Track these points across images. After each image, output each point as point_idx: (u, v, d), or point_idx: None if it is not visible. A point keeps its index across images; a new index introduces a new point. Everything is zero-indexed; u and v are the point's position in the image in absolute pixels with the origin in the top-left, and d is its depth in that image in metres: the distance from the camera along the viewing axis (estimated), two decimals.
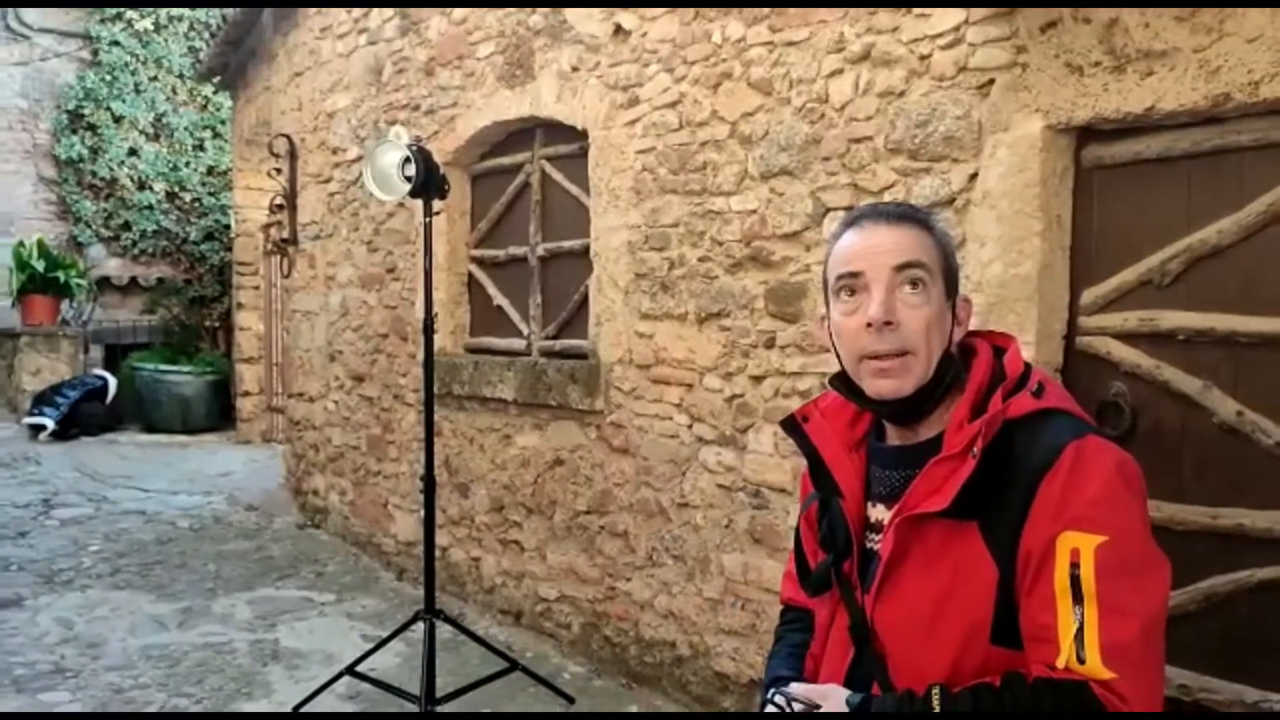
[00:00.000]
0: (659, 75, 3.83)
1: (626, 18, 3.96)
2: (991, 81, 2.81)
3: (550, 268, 4.62)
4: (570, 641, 4.35)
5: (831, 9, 3.20)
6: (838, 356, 1.45)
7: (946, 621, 1.30)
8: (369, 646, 4.00)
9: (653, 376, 3.87)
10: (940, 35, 2.94)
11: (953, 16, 2.90)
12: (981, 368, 1.40)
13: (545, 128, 4.56)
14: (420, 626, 3.74)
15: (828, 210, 3.26)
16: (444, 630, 4.15)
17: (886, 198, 3.09)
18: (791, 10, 3.34)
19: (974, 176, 2.86)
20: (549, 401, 4.35)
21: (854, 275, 1.38)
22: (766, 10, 3.41)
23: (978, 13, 2.83)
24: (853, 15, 3.16)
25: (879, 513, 1.44)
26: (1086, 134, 2.69)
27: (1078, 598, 1.19)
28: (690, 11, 3.69)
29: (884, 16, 3.07)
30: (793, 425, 1.55)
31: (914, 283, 1.35)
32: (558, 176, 4.53)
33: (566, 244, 4.46)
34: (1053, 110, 2.67)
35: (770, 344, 3.43)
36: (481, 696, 3.77)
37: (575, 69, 4.21)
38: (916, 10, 2.99)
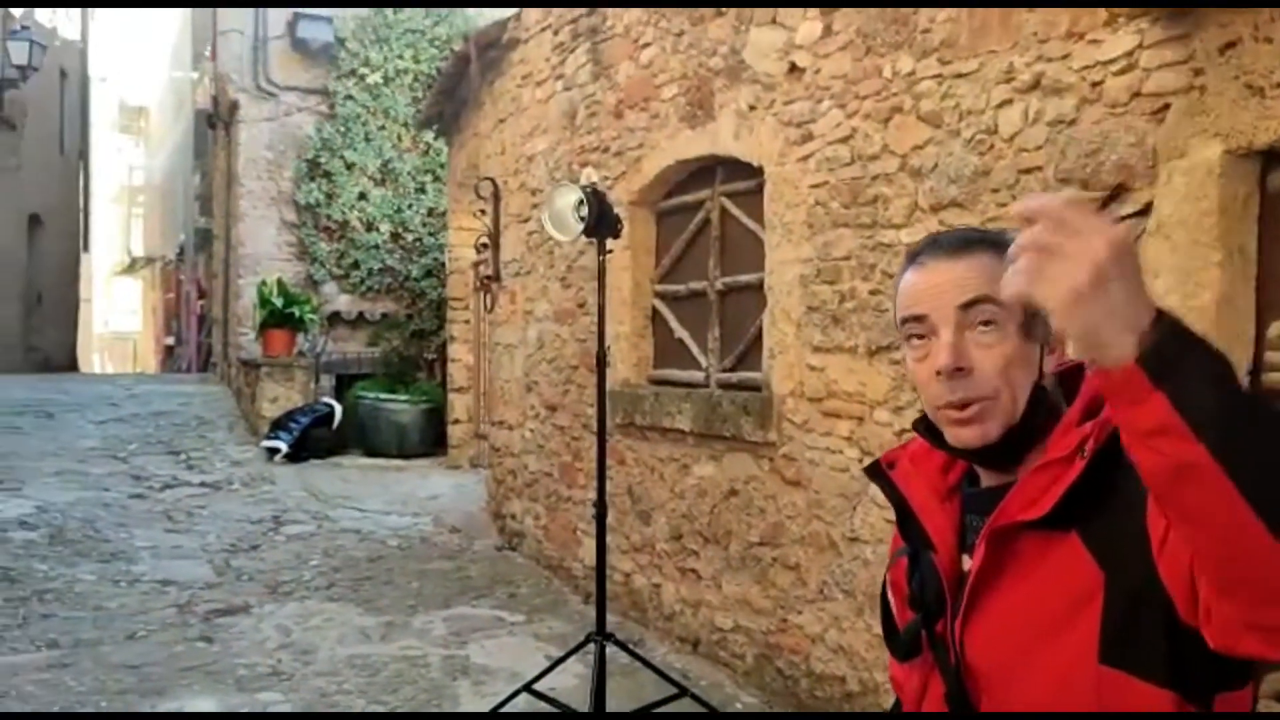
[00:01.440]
0: (831, 111, 3.87)
1: (801, 56, 4.02)
2: (1167, 106, 2.70)
3: (728, 301, 4.71)
4: (745, 672, 4.38)
5: (1002, 37, 3.16)
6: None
7: (1046, 642, 1.15)
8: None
9: (824, 409, 3.88)
10: (1112, 61, 2.85)
11: (1126, 41, 2.81)
12: (1095, 380, 1.20)
13: (724, 165, 4.67)
14: (595, 652, 3.87)
15: None
16: (622, 656, 4.28)
17: None
18: (962, 42, 3.31)
19: (1148, 205, 2.75)
20: (724, 433, 4.43)
21: (919, 319, 1.24)
22: (936, 43, 3.40)
23: (1152, 35, 2.74)
24: (1022, 44, 3.11)
25: None
26: (1271, 158, 2.55)
27: None
28: (862, 47, 3.72)
29: (1054, 44, 3.01)
30: (878, 472, 1.39)
31: (985, 321, 1.20)
32: (736, 212, 4.62)
33: (743, 278, 4.54)
34: (1232, 134, 2.54)
35: None
36: None
37: (752, 107, 4.30)
38: (1088, 36, 2.91)
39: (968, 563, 1.27)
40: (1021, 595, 1.18)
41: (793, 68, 4.07)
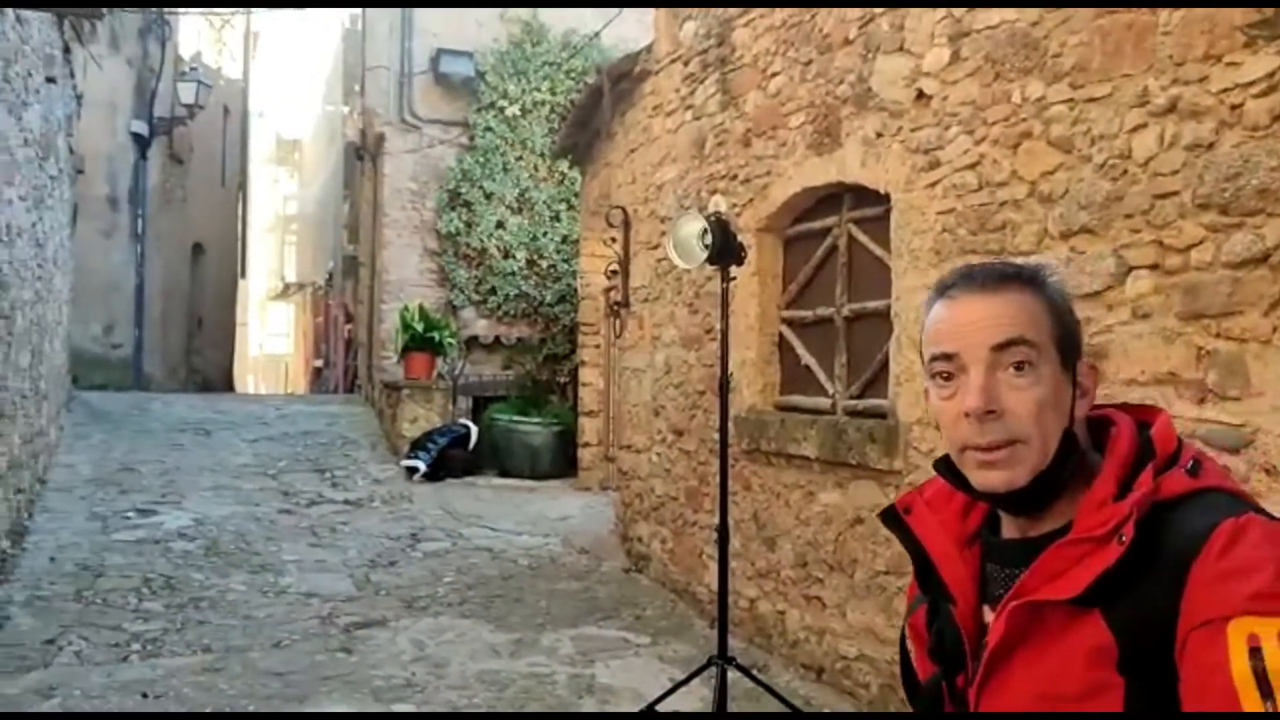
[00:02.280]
0: (959, 138, 3.84)
1: (928, 83, 4.01)
2: None
3: (855, 328, 4.70)
4: (869, 702, 4.33)
5: (1136, 61, 3.10)
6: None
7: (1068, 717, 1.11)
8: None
9: None
10: (1253, 83, 2.78)
11: (1266, 63, 2.74)
12: (1124, 441, 1.18)
13: (852, 192, 4.67)
14: (716, 675, 3.90)
15: (1130, 269, 3.13)
16: (746, 681, 4.30)
17: (1193, 256, 2.94)
18: (1094, 65, 3.26)
19: None
20: (849, 460, 4.41)
21: (948, 357, 1.18)
22: (1068, 66, 3.36)
23: None
24: (1157, 67, 3.04)
25: None
26: None
27: (1266, 692, 1.00)
28: (991, 73, 3.69)
29: (1191, 67, 2.94)
30: (893, 517, 1.32)
31: (1019, 364, 1.15)
32: (863, 239, 4.62)
33: (870, 304, 4.53)
34: None
35: None
36: None
37: (879, 134, 4.30)
38: (1226, 59, 2.84)
39: (988, 615, 1.22)
40: (1041, 671, 1.13)
41: (920, 95, 4.07)
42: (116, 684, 4.52)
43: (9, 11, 5.05)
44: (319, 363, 21.33)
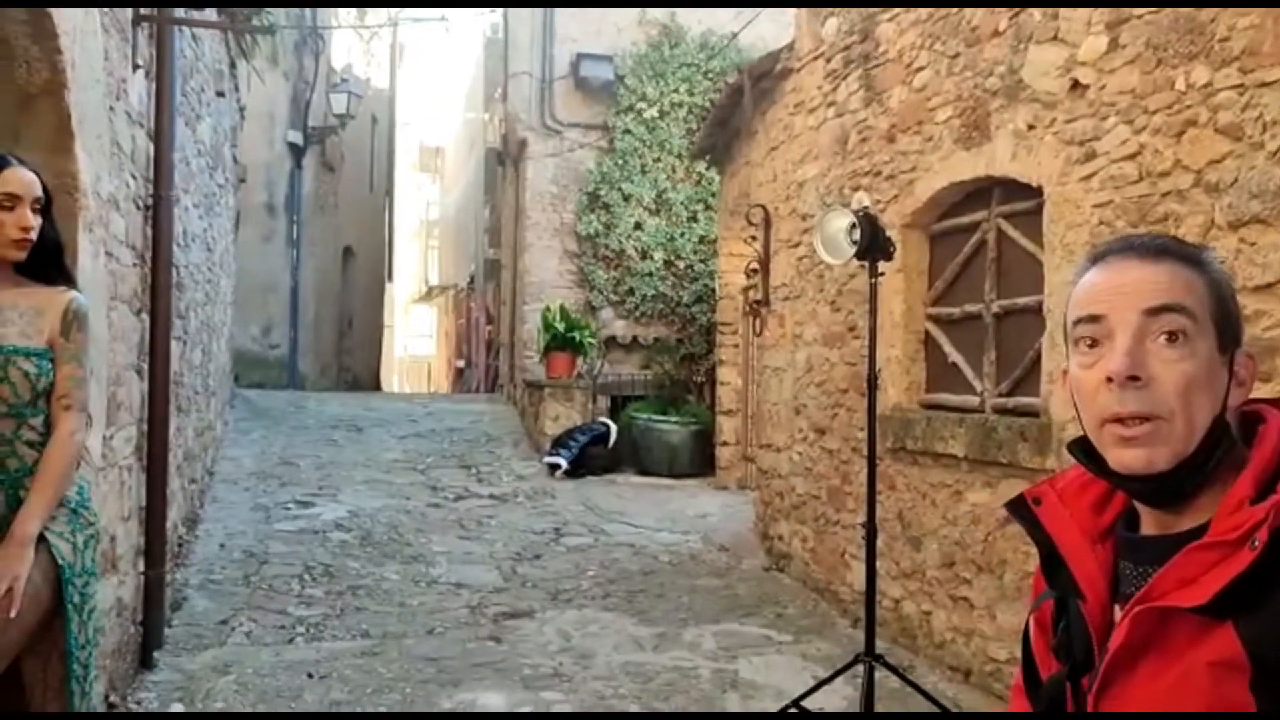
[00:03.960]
0: (1117, 128, 3.74)
1: (1084, 72, 3.91)
2: None
3: (1004, 325, 4.60)
4: None
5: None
6: (1079, 419, 1.18)
7: None
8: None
9: None
10: None
11: None
12: (1271, 439, 1.10)
13: (1001, 186, 4.58)
14: (863, 672, 3.89)
15: None
16: (891, 680, 4.28)
17: None
18: (1266, 49, 3.13)
19: None
20: (999, 459, 4.33)
21: (1094, 320, 1.12)
22: (1237, 50, 3.23)
23: None
24: None
25: None
26: None
27: None
28: (1152, 60, 3.58)
29: None
30: (1022, 507, 1.26)
31: (1172, 333, 1.09)
32: (1013, 234, 4.53)
33: (1020, 301, 4.44)
34: None
35: None
36: None
37: (1031, 127, 4.21)
38: None
39: (1119, 614, 1.16)
40: (1165, 682, 1.06)
41: (1075, 85, 3.96)
42: (284, 663, 4.78)
43: (186, 30, 5.38)
44: (461, 363, 21.96)
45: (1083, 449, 1.18)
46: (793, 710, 4.01)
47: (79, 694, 2.29)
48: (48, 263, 2.44)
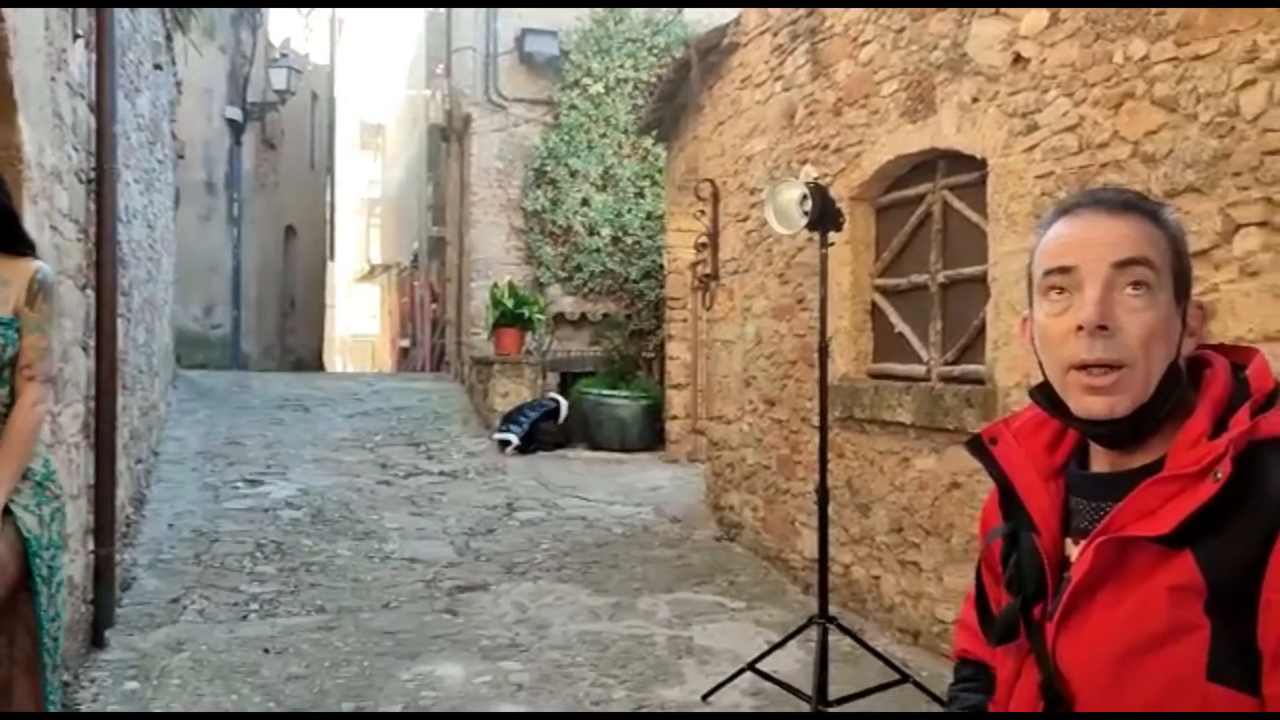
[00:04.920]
0: (1058, 100, 3.83)
1: (1026, 46, 4.00)
2: None
3: (950, 294, 4.71)
4: None
5: (1244, 15, 3.07)
6: (1040, 366, 1.24)
7: (1146, 656, 1.10)
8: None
9: None
10: None
11: None
12: (1219, 381, 1.18)
13: (946, 158, 4.67)
14: (817, 634, 3.98)
15: (1238, 227, 3.11)
16: (843, 643, 4.40)
17: None
18: (1200, 22, 3.23)
19: None
20: (946, 425, 4.44)
21: (1065, 270, 1.17)
22: (1172, 24, 3.33)
23: None
24: (1267, 22, 3.01)
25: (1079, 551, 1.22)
26: None
27: None
28: (1091, 34, 3.67)
29: None
30: (979, 447, 1.32)
31: (1137, 283, 1.14)
32: (958, 205, 4.62)
33: (966, 270, 4.54)
34: None
35: None
36: (872, 705, 3.93)
37: (975, 100, 4.30)
38: None
39: (1070, 547, 1.22)
40: (1125, 608, 1.12)
41: (1017, 58, 4.05)
42: (239, 640, 4.76)
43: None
44: (405, 342, 21.80)
45: (1044, 394, 1.24)
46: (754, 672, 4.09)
47: (50, 666, 2.28)
48: (7, 231, 2.41)
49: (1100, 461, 1.23)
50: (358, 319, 32.78)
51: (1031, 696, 1.22)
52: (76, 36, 4.11)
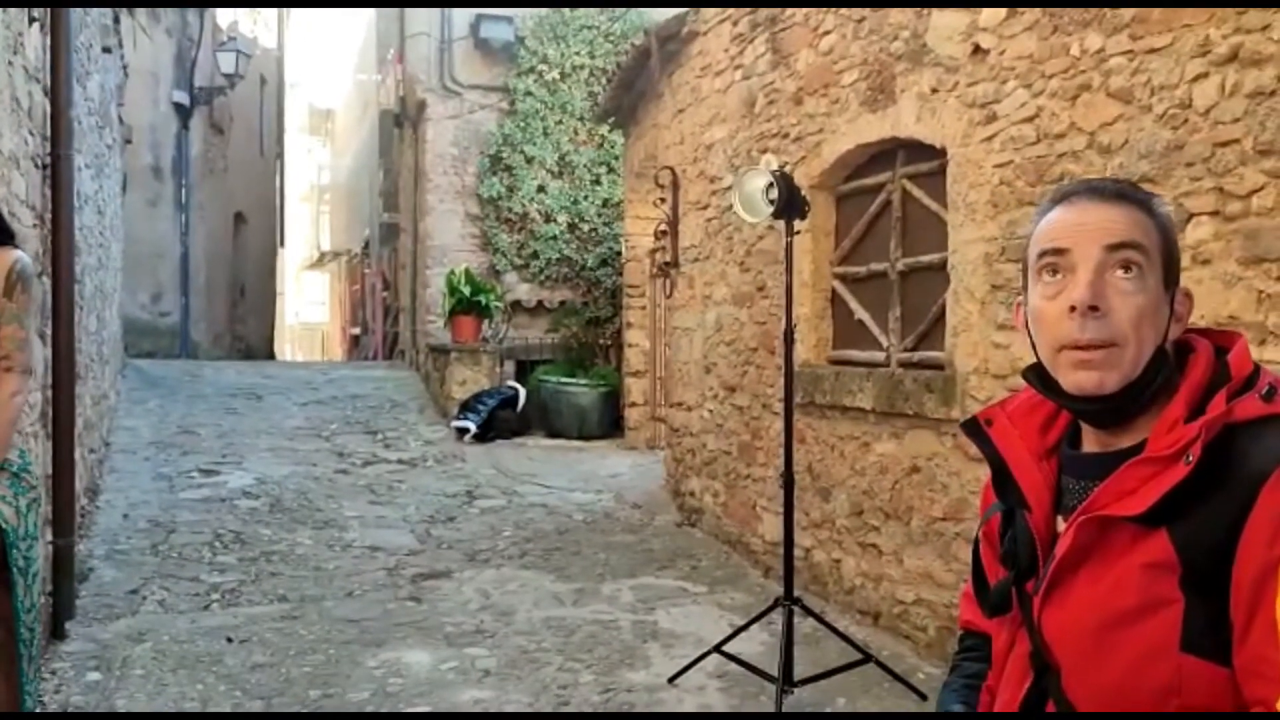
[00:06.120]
0: (1016, 91, 3.91)
1: (985, 38, 4.07)
2: None
3: (909, 282, 4.79)
4: (926, 644, 4.47)
5: (1198, 11, 3.16)
6: (1033, 348, 1.29)
7: (1124, 631, 1.15)
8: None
9: (1009, 386, 3.93)
10: None
11: None
12: (1200, 365, 1.23)
13: (906, 147, 4.75)
14: (780, 617, 4.05)
15: (1191, 216, 3.21)
16: (806, 625, 4.47)
17: (1254, 202, 3.01)
18: (1155, 17, 3.32)
19: None
20: (906, 410, 4.52)
21: (1059, 253, 1.23)
22: (1127, 18, 3.42)
23: None
24: (1219, 17, 3.10)
25: None
26: None
27: None
28: (1049, 26, 3.75)
29: (1253, 15, 3.00)
30: (975, 428, 1.38)
31: (1127, 266, 1.20)
32: (917, 194, 4.70)
33: (925, 258, 4.62)
34: None
35: None
36: (836, 685, 4.02)
37: (935, 90, 4.37)
38: None
39: (1061, 525, 1.27)
40: (1104, 584, 1.18)
41: (976, 49, 4.13)
42: (202, 629, 4.74)
43: None
44: (356, 330, 21.59)
45: (1037, 374, 1.30)
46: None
47: (27, 657, 2.27)
48: None
49: (1090, 442, 1.29)
50: (307, 307, 32.40)
51: (1022, 663, 1.28)
52: (32, 20, 4.03)
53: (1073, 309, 1.19)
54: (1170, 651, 1.12)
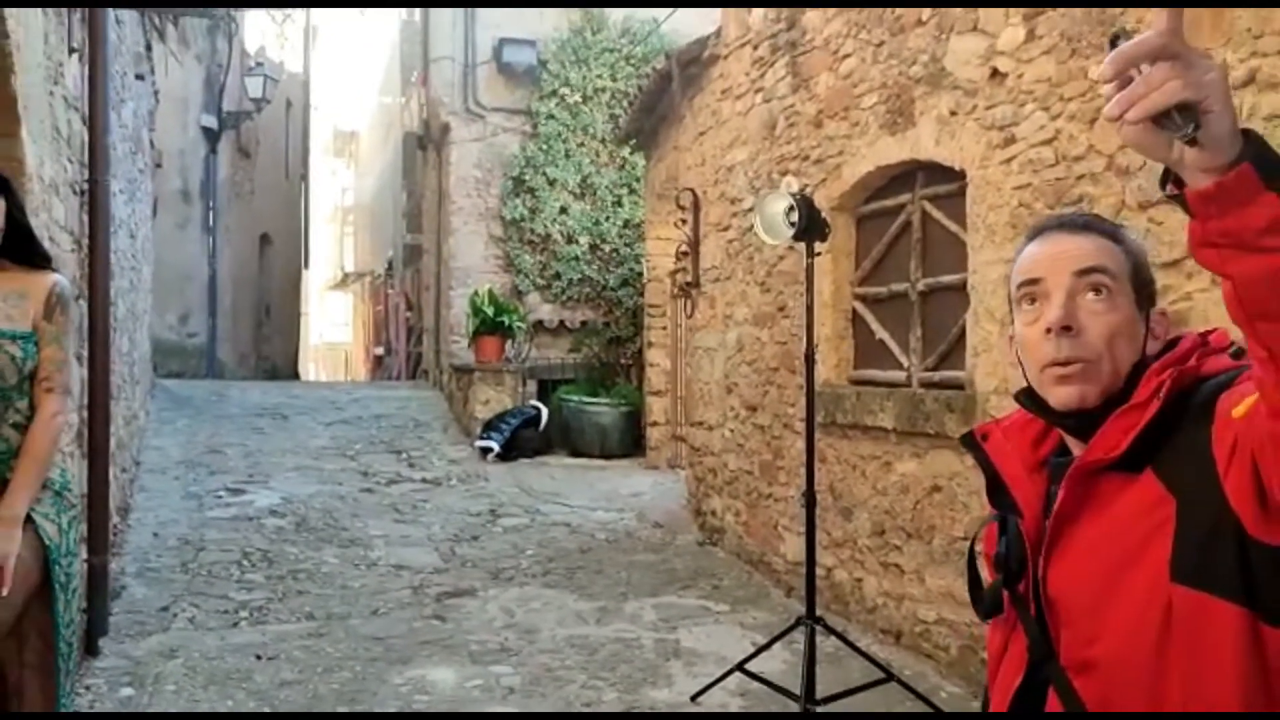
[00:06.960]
0: (1035, 114, 3.96)
1: (1003, 61, 4.12)
2: None
3: (929, 302, 4.83)
4: (948, 663, 4.48)
5: (1214, 34, 3.20)
6: (1024, 373, 1.38)
7: (1124, 570, 1.22)
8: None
9: None
10: None
11: None
12: (1184, 343, 1.32)
13: (925, 169, 4.80)
14: (802, 635, 4.08)
15: None
16: (827, 644, 4.50)
17: None
18: None
19: None
20: (927, 430, 4.55)
21: (1034, 282, 1.34)
22: None
23: None
24: (1235, 41, 3.15)
25: None
26: None
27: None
28: (1066, 50, 3.80)
29: (1269, 40, 3.04)
30: (972, 442, 1.49)
31: (1097, 289, 1.30)
32: (937, 215, 4.75)
33: (945, 279, 4.66)
34: None
35: None
36: (858, 704, 4.03)
37: (953, 113, 4.43)
38: None
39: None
40: (1101, 529, 1.26)
41: (994, 73, 4.18)
42: (231, 646, 4.80)
43: (110, 11, 5.31)
44: (380, 350, 21.73)
45: (1028, 396, 1.39)
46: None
47: (64, 671, 2.34)
48: (24, 244, 2.47)
49: (1079, 452, 1.35)
50: (330, 327, 32.66)
51: (1017, 661, 1.36)
52: (72, 50, 4.15)
53: (1049, 330, 1.30)
54: (1162, 584, 1.18)
